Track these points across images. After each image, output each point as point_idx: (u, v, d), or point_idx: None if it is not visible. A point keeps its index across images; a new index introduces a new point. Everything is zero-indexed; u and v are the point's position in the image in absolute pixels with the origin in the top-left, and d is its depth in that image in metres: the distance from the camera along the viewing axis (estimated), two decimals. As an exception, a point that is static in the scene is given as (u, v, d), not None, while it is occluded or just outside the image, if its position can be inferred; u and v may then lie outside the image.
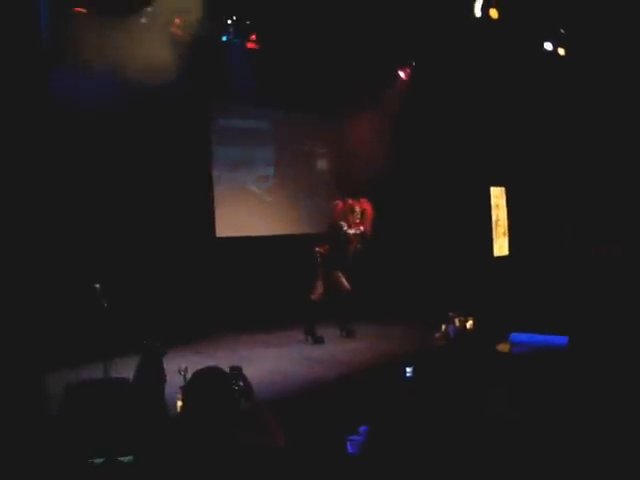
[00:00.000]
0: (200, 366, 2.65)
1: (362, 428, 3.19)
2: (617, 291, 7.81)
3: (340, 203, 8.09)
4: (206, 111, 8.97)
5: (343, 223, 7.86)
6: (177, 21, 7.45)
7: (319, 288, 7.72)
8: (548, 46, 9.50)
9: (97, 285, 5.30)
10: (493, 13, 8.68)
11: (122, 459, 3.59)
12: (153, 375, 4.50)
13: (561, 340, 5.57)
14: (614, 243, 9.31)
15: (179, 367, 4.52)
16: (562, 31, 9.36)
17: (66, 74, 6.22)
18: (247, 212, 9.43)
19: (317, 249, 7.80)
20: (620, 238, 9.30)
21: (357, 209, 7.93)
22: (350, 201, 8.04)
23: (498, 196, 10.80)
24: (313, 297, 7.69)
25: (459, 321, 7.22)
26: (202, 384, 2.56)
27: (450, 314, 7.27)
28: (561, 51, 9.52)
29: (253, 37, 8.74)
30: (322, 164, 10.84)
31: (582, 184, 9.78)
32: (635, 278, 8.19)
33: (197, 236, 8.56)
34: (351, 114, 9.86)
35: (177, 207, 8.16)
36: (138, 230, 7.71)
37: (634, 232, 9.11)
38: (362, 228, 7.93)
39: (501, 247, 10.71)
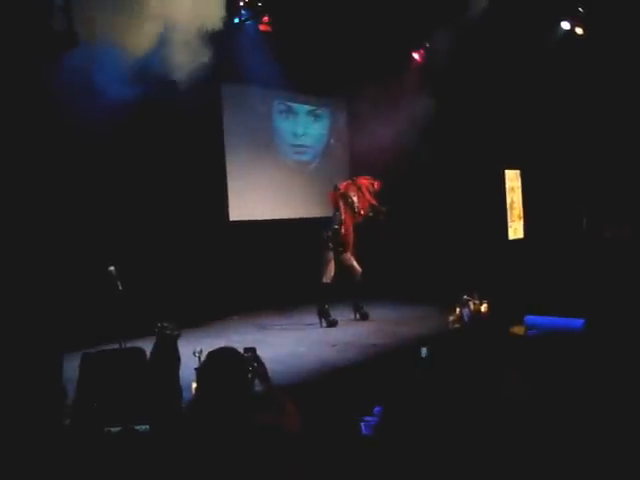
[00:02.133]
0: (215, 348, 2.66)
1: (376, 409, 3.19)
2: (631, 273, 7.73)
3: (332, 193, 8.05)
4: (219, 94, 8.94)
5: (337, 213, 7.84)
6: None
7: (330, 271, 7.71)
8: (566, 25, 9.36)
9: (112, 268, 5.33)
10: (509, -8, 8.55)
11: (138, 428, 3.62)
12: (168, 357, 4.53)
13: (576, 322, 5.54)
14: (627, 224, 9.22)
15: (194, 349, 4.54)
16: (580, 10, 9.20)
17: (78, 57, 6.19)
18: (260, 196, 9.42)
19: (327, 234, 7.77)
20: (633, 219, 9.21)
21: (351, 193, 7.87)
22: (342, 185, 7.99)
23: (513, 179, 10.71)
24: (325, 280, 7.68)
25: (474, 304, 7.19)
26: (216, 364, 2.56)
27: (465, 297, 7.23)
28: (579, 31, 9.37)
29: (265, 19, 8.68)
30: (337, 147, 10.79)
31: (596, 166, 9.66)
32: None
33: (211, 220, 8.58)
34: (366, 97, 9.79)
35: (191, 191, 8.16)
36: (153, 214, 7.72)
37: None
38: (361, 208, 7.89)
39: (516, 230, 10.63)
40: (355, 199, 7.86)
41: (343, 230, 7.77)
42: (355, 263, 7.86)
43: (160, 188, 7.80)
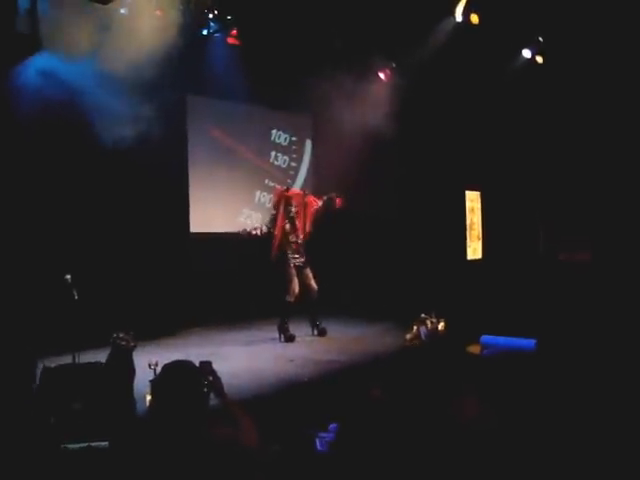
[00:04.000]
0: (170, 361, 2.64)
1: (332, 426, 3.20)
2: (585, 296, 7.94)
3: (279, 189, 7.98)
4: (184, 106, 8.90)
5: (273, 213, 7.76)
6: (158, 13, 7.37)
7: (295, 289, 7.61)
8: (527, 53, 9.63)
9: (68, 276, 5.23)
10: (474, 18, 8.78)
11: (96, 445, 3.56)
12: (122, 368, 4.46)
13: (530, 343, 5.65)
14: (584, 249, 9.47)
15: (149, 361, 4.49)
16: (540, 39, 9.48)
17: (43, 61, 6.11)
18: (222, 209, 9.39)
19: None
20: (590, 243, 9.46)
21: (294, 203, 7.75)
22: (291, 191, 7.94)
23: (473, 200, 10.91)
24: (288, 298, 7.58)
25: (431, 322, 7.26)
26: (171, 377, 2.55)
27: (422, 315, 7.31)
28: (539, 59, 9.65)
29: (234, 32, 8.70)
30: (300, 163, 10.83)
31: (556, 190, 9.92)
32: (603, 283, 8.33)
33: (171, 231, 8.49)
34: (330, 114, 9.88)
35: (152, 202, 8.06)
36: (111, 223, 7.61)
37: (604, 238, 9.27)
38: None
39: (475, 251, 10.82)
40: (294, 211, 7.74)
41: (276, 232, 7.65)
42: (313, 282, 7.76)
43: (120, 197, 7.69)
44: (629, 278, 8.35)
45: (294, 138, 10.68)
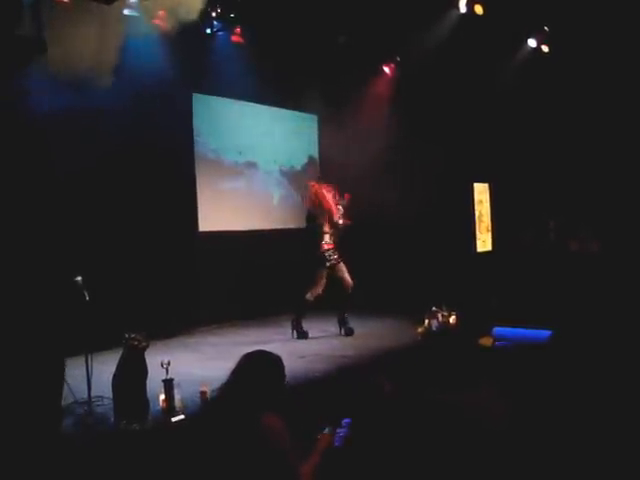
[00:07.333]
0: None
1: (345, 421, 3.19)
2: (597, 286, 7.89)
3: (314, 183, 7.82)
4: (190, 104, 8.90)
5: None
6: (161, 13, 7.37)
7: (319, 289, 7.41)
8: (532, 43, 9.58)
9: (79, 278, 5.24)
10: (478, 9, 8.74)
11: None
12: (135, 368, 4.48)
13: (542, 334, 5.62)
14: (593, 239, 9.41)
15: (161, 361, 4.50)
16: (546, 28, 9.42)
17: (47, 66, 6.11)
18: (230, 207, 9.39)
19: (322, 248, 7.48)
20: (599, 234, 9.40)
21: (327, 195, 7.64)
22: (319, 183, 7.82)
23: (482, 192, 10.85)
24: (308, 297, 7.42)
25: (442, 316, 7.25)
26: (256, 366, 2.65)
27: (433, 309, 7.29)
28: (545, 48, 9.59)
29: (238, 30, 8.70)
30: (308, 160, 10.82)
31: (564, 181, 9.85)
32: (614, 274, 8.28)
33: (180, 230, 8.49)
34: (336, 110, 9.86)
35: (160, 200, 8.06)
36: (120, 223, 7.61)
37: (613, 228, 9.21)
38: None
39: (484, 243, 10.76)
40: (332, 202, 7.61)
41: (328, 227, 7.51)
42: (347, 275, 7.57)
43: (128, 197, 7.69)
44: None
45: (301, 135, 10.65)
